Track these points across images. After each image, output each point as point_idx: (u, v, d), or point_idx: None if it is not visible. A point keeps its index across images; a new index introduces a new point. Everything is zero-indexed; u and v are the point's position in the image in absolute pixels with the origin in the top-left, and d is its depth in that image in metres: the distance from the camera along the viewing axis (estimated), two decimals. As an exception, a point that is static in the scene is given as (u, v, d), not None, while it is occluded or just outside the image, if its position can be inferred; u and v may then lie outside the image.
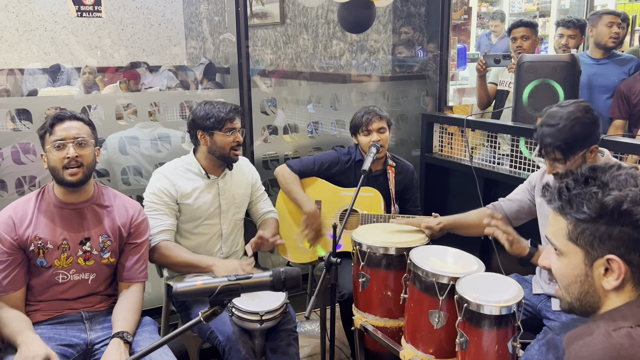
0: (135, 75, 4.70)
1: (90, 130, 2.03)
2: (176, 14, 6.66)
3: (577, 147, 1.86)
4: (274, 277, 1.35)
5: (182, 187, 2.38)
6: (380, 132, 2.63)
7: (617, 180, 1.06)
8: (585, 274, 1.09)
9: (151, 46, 6.48)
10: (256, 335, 2.15)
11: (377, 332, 2.10)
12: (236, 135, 2.40)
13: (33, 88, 4.70)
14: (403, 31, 3.83)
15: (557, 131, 1.87)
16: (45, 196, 2.03)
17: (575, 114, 1.87)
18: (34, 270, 1.99)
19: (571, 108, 1.89)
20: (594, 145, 1.89)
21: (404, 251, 2.05)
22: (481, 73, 3.50)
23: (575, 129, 1.85)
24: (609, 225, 1.04)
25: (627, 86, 3.20)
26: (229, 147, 2.39)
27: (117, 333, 1.93)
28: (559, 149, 1.88)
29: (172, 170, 2.42)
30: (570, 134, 1.85)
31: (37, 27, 5.85)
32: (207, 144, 2.39)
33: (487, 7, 7.05)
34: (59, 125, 1.96)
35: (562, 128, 1.86)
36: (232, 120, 2.38)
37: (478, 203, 2.76)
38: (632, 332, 1.00)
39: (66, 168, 1.94)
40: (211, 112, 2.36)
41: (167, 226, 2.33)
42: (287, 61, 5.09)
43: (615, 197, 1.03)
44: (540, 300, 2.16)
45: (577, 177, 1.11)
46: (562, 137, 1.86)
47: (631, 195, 1.03)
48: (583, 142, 1.87)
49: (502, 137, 3.06)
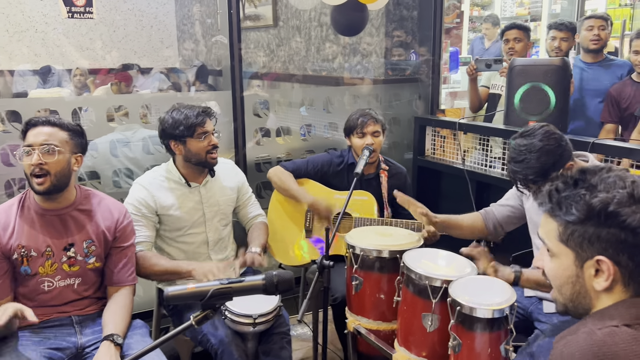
0: (127, 77, 4.68)
1: (69, 136, 1.95)
2: (168, 16, 6.64)
3: (549, 173, 1.88)
4: (266, 280, 1.34)
5: (162, 198, 2.33)
6: (374, 136, 2.63)
7: (605, 183, 1.07)
8: (577, 275, 1.10)
9: (143, 48, 6.45)
10: (249, 338, 2.13)
11: (370, 335, 2.10)
12: (210, 139, 2.33)
13: (23, 89, 4.66)
14: (396, 35, 3.84)
15: (525, 167, 1.89)
16: (26, 202, 1.99)
17: (537, 144, 1.89)
18: (19, 279, 1.96)
19: (533, 139, 1.90)
20: (567, 163, 1.91)
21: (397, 254, 2.05)
22: (472, 77, 3.51)
23: (542, 160, 1.87)
24: (597, 227, 1.05)
25: (616, 91, 3.23)
26: (204, 152, 2.32)
27: (108, 336, 1.91)
28: (532, 182, 1.91)
29: (151, 180, 2.36)
30: (538, 166, 1.87)
31: (27, 28, 5.81)
32: (182, 153, 2.33)
33: (479, 11, 7.09)
34: (30, 131, 1.91)
35: (529, 162, 1.88)
36: (203, 124, 2.29)
37: (470, 206, 2.77)
38: (615, 331, 1.01)
39: (32, 175, 1.89)
40: (179, 120, 2.27)
41: (143, 238, 2.28)
42: (280, 64, 5.09)
43: (602, 199, 1.05)
44: (531, 303, 2.17)
45: (566, 179, 1.12)
46: (532, 171, 1.88)
47: (618, 197, 1.04)
48: (554, 167, 1.88)
49: (494, 140, 3.08)
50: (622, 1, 5.79)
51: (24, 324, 1.93)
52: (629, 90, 3.18)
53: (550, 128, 1.94)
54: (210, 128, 2.34)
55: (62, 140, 1.93)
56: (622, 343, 0.99)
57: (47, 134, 1.91)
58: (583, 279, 1.09)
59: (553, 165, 1.88)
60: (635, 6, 5.64)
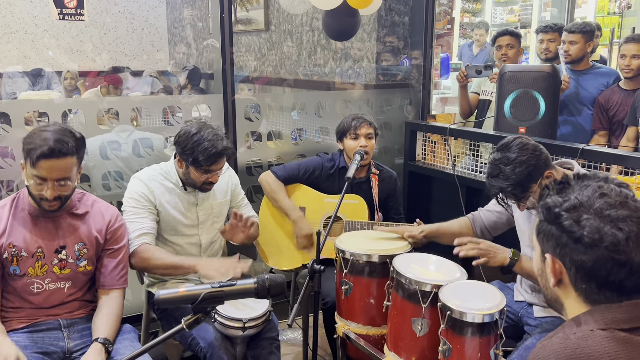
0: (117, 79, 4.66)
1: (77, 159, 1.92)
2: (159, 19, 6.63)
3: (526, 184, 1.91)
4: (258, 284, 1.34)
5: (159, 195, 2.33)
6: (367, 138, 2.64)
7: (579, 188, 1.11)
8: (542, 267, 1.18)
9: (134, 51, 6.43)
10: (238, 342, 2.12)
11: (359, 340, 2.10)
12: (212, 177, 2.30)
13: (12, 91, 4.62)
14: (387, 40, 3.86)
15: (501, 180, 1.92)
16: (19, 203, 1.98)
17: (510, 157, 1.91)
18: (7, 278, 1.95)
19: (507, 152, 1.93)
20: (546, 171, 1.93)
21: (387, 258, 2.05)
22: (462, 84, 3.54)
23: (517, 171, 1.89)
24: (548, 224, 1.12)
25: (604, 98, 3.27)
26: (201, 183, 2.31)
27: (98, 339, 1.90)
28: (511, 194, 1.94)
29: (150, 176, 2.35)
30: (514, 178, 1.90)
31: (17, 30, 5.77)
32: (182, 168, 2.32)
33: (470, 17, 7.15)
34: (43, 162, 1.84)
35: (504, 176, 1.91)
36: (211, 165, 2.24)
37: (460, 211, 2.78)
38: (589, 334, 1.03)
39: (44, 200, 1.89)
40: (195, 150, 2.20)
41: (147, 229, 2.26)
42: (272, 68, 5.09)
43: (554, 200, 1.11)
44: (521, 307, 2.18)
45: (558, 183, 1.17)
46: (508, 183, 1.91)
47: (571, 202, 1.09)
48: (530, 178, 1.91)
49: (484, 146, 3.09)
50: (610, 9, 5.87)
51: (11, 329, 1.92)
52: (616, 98, 3.22)
53: (522, 140, 1.96)
54: (217, 168, 2.28)
55: (73, 166, 1.91)
56: (595, 345, 1.01)
57: (62, 169, 1.87)
58: (546, 272, 1.16)
59: (529, 176, 1.90)
60: (623, 14, 5.71)
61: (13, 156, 2.61)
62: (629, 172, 2.36)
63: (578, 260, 1.07)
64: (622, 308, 1.06)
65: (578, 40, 3.33)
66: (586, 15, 5.89)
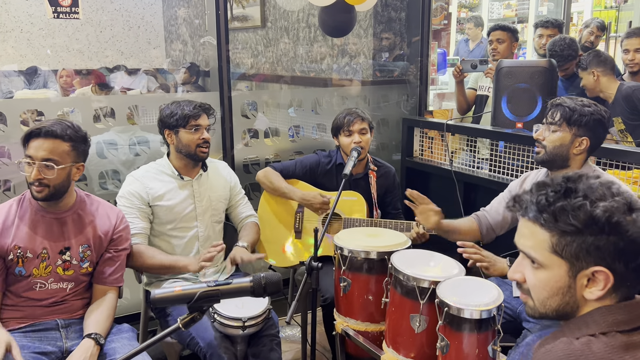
0: (100, 77, 4.65)
1: (71, 147, 1.91)
2: (155, 17, 6.60)
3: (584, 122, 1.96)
4: (254, 282, 1.34)
5: (154, 189, 2.37)
6: (361, 134, 2.63)
7: (592, 189, 1.06)
8: (569, 285, 1.08)
9: (130, 49, 6.40)
10: (238, 341, 2.13)
11: (358, 337, 2.10)
12: (202, 133, 2.39)
13: (8, 90, 4.60)
14: (384, 36, 3.85)
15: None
16: (25, 203, 1.99)
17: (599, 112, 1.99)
18: (12, 279, 1.95)
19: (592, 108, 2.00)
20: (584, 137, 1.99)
21: (385, 255, 2.05)
22: (458, 79, 3.53)
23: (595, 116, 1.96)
24: (596, 237, 1.03)
25: None
26: (194, 145, 2.37)
27: (90, 334, 1.90)
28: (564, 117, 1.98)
29: (144, 173, 2.41)
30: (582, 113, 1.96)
31: (12, 29, 5.74)
32: (174, 143, 2.39)
33: (467, 12, 7.13)
34: (32, 142, 1.87)
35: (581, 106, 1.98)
36: (197, 118, 2.37)
37: (458, 207, 2.78)
38: (592, 340, 1.03)
39: (32, 184, 1.90)
40: (175, 111, 2.36)
41: (139, 230, 2.31)
42: (268, 65, 5.08)
43: (605, 208, 1.03)
44: (520, 303, 2.18)
45: (555, 188, 1.09)
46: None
47: (616, 206, 1.03)
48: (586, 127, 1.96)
49: (481, 141, 3.09)
50: (607, 3, 5.85)
51: (9, 329, 1.92)
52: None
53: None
54: (204, 123, 2.39)
55: (63, 153, 1.90)
56: (599, 352, 1.01)
57: (48, 150, 1.87)
58: (575, 289, 1.08)
59: (586, 125, 2.00)
60: (620, 8, 5.70)
61: (9, 155, 2.60)
62: (626, 166, 2.36)
63: (634, 264, 1.03)
64: (621, 309, 1.05)
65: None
66: (583, 9, 5.87)
